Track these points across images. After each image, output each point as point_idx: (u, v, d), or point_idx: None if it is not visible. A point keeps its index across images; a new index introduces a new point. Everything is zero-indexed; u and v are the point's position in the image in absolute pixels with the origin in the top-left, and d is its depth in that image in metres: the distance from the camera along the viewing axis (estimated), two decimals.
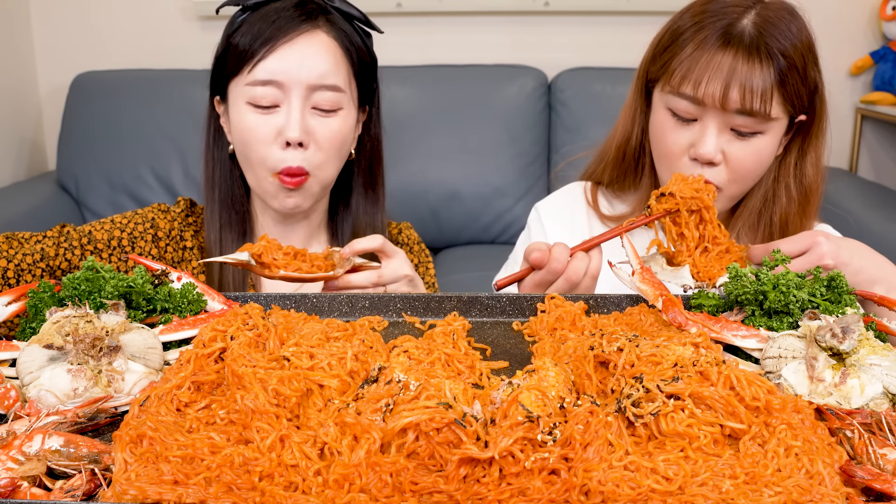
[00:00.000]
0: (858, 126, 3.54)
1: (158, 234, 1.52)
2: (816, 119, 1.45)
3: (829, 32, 3.41)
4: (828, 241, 1.22)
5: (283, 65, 1.40)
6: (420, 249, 1.73)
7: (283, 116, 1.41)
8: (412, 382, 0.85)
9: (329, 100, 1.43)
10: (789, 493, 0.72)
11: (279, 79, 1.40)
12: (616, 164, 1.59)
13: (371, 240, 1.33)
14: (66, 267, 1.41)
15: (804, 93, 1.40)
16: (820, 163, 1.50)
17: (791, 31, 1.37)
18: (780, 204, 1.48)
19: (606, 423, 0.78)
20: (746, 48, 1.34)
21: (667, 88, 1.41)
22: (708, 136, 1.38)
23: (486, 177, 3.18)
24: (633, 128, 1.55)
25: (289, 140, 1.40)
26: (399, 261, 1.36)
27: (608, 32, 3.41)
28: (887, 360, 0.91)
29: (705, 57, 1.36)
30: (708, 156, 1.38)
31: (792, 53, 1.36)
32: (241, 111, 1.43)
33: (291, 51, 1.40)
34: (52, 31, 3.44)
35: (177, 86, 3.19)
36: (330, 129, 1.44)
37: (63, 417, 0.85)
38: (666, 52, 1.43)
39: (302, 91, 1.41)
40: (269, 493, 0.74)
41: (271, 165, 1.43)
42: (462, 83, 3.28)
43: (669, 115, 1.43)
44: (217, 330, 0.94)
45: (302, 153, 1.42)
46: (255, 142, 1.42)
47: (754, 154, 1.40)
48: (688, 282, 1.23)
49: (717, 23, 1.38)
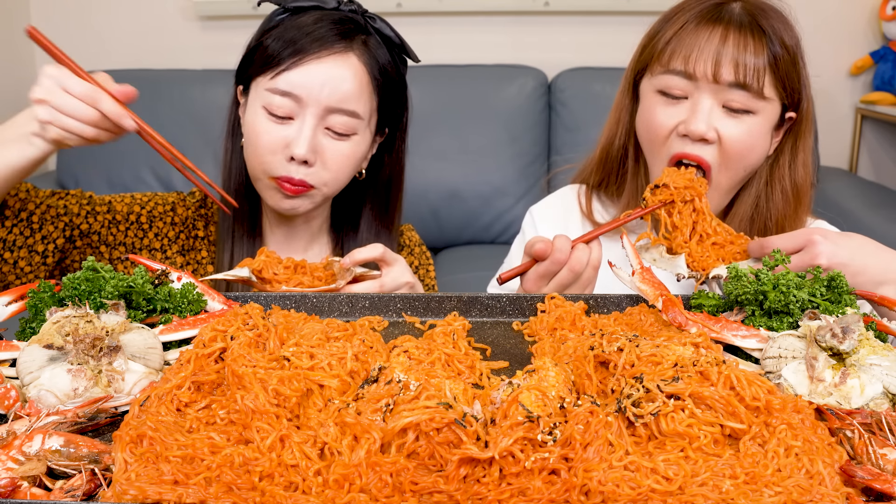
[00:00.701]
0: (858, 126, 3.54)
1: (175, 218, 1.53)
2: (805, 119, 1.44)
3: (829, 32, 3.44)
4: (825, 241, 1.19)
5: (306, 80, 1.37)
6: (421, 252, 1.73)
7: (295, 130, 1.39)
8: (412, 382, 0.85)
9: (344, 124, 1.41)
10: (789, 493, 0.72)
11: (299, 93, 1.37)
12: (600, 165, 1.58)
13: (371, 249, 1.33)
14: (85, 230, 1.42)
15: (796, 81, 1.39)
16: (809, 162, 1.49)
17: (781, 23, 1.37)
18: (775, 206, 1.46)
19: (606, 423, 0.78)
20: (738, 24, 1.34)
21: (657, 69, 1.40)
22: (700, 110, 1.36)
23: (486, 177, 3.18)
24: (617, 128, 1.54)
25: (295, 156, 1.38)
26: (400, 268, 1.36)
27: (608, 32, 3.41)
28: (887, 360, 0.91)
29: (694, 33, 1.35)
30: (700, 130, 1.36)
31: (783, 38, 1.35)
32: (255, 113, 1.42)
33: (318, 68, 1.37)
34: (52, 31, 3.42)
35: (177, 86, 3.19)
36: (340, 152, 1.43)
37: (63, 417, 0.85)
38: (656, 38, 1.42)
39: (319, 110, 1.38)
40: (269, 493, 0.74)
41: (271, 171, 1.42)
42: (462, 83, 3.28)
43: (659, 97, 1.41)
44: (217, 330, 0.94)
45: (306, 169, 1.41)
46: (261, 147, 1.41)
47: (746, 134, 1.37)
48: (682, 271, 1.24)
49: (704, 4, 1.38)
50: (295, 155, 1.38)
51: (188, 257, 1.53)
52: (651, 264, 1.23)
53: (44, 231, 1.36)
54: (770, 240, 1.24)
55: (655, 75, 1.41)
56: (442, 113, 3.22)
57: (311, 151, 1.39)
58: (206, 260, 1.54)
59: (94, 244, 1.45)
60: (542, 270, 1.27)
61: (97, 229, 1.43)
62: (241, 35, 1.54)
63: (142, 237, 1.49)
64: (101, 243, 1.45)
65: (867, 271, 1.19)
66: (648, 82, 1.44)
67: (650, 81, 1.44)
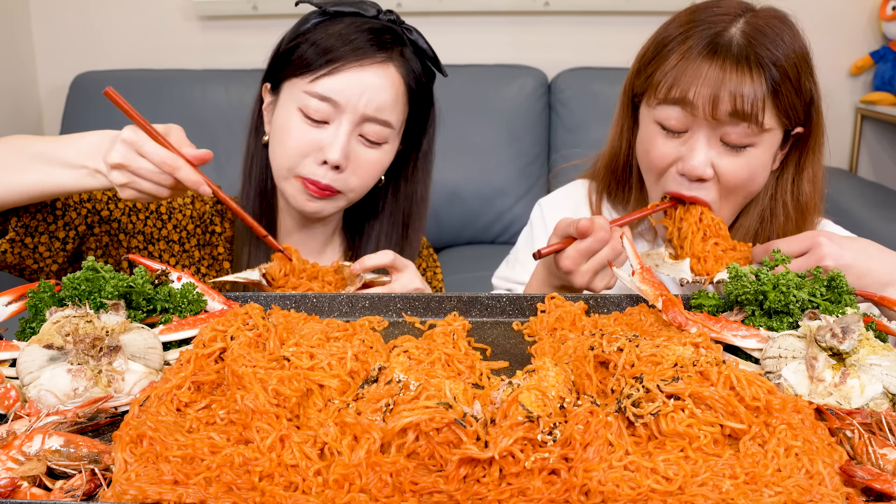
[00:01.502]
0: (858, 126, 3.54)
1: (194, 213, 1.53)
2: (813, 132, 1.38)
3: (829, 32, 3.43)
4: (830, 242, 1.18)
5: (346, 87, 1.38)
6: (429, 254, 1.74)
7: (330, 135, 1.39)
8: (412, 382, 0.85)
9: (378, 133, 1.42)
10: (789, 493, 0.72)
11: (338, 99, 1.38)
12: (607, 173, 1.56)
13: (382, 256, 1.33)
14: (106, 216, 1.41)
15: (799, 104, 1.32)
16: (818, 179, 1.43)
17: (783, 41, 1.30)
18: (777, 222, 1.42)
19: (606, 423, 0.78)
20: (735, 58, 1.27)
21: (653, 101, 1.35)
22: (697, 148, 1.31)
23: (486, 177, 3.18)
24: (620, 144, 1.51)
25: (328, 160, 1.39)
26: (409, 275, 1.36)
27: (608, 32, 3.41)
28: (887, 360, 0.91)
29: (692, 67, 1.29)
30: (697, 170, 1.31)
31: (784, 63, 1.28)
32: (289, 112, 1.42)
33: (359, 77, 1.38)
34: (51, 31, 3.44)
35: (177, 86, 3.19)
36: (370, 159, 1.44)
37: (63, 417, 0.85)
38: (650, 65, 1.36)
39: (355, 118, 1.39)
40: (269, 493, 0.74)
41: (299, 171, 1.42)
42: (462, 83, 3.27)
43: (658, 128, 1.36)
44: (217, 330, 0.94)
45: (335, 174, 1.41)
46: (293, 148, 1.41)
47: (746, 168, 1.32)
48: (686, 275, 1.23)
49: (703, 32, 1.31)
50: (329, 159, 1.39)
51: (204, 252, 1.53)
52: (654, 269, 1.23)
53: (66, 217, 1.35)
54: (774, 243, 1.23)
55: (653, 106, 1.36)
56: (442, 113, 3.21)
57: (345, 157, 1.40)
58: (222, 256, 1.54)
59: (114, 231, 1.44)
60: (584, 247, 1.25)
61: (118, 216, 1.43)
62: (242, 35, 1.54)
63: (160, 227, 1.49)
64: (120, 231, 1.45)
65: (872, 273, 1.18)
66: (647, 110, 1.39)
67: (648, 111, 1.39)
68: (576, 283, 1.27)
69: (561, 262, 1.27)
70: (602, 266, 1.26)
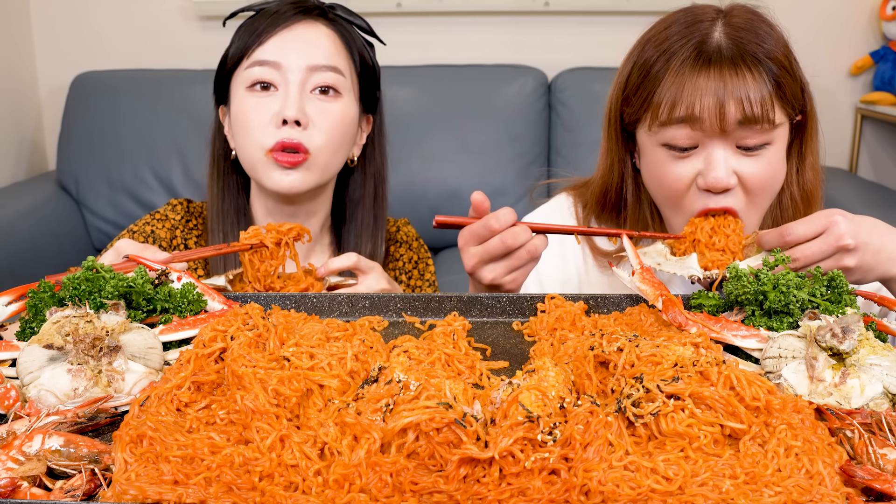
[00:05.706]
0: (858, 126, 3.54)
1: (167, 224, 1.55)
2: (809, 118, 1.37)
3: (829, 32, 3.44)
4: (845, 220, 1.14)
5: (281, 46, 1.42)
6: (419, 245, 1.73)
7: (281, 98, 1.42)
8: (412, 382, 0.85)
9: (329, 80, 1.44)
10: (789, 493, 0.72)
11: (277, 59, 1.42)
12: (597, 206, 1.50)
13: (345, 258, 1.34)
14: None
15: (798, 91, 1.31)
16: (818, 164, 1.42)
17: (766, 33, 1.28)
18: (786, 214, 1.40)
19: (606, 423, 0.78)
20: (730, 62, 1.25)
21: (655, 125, 1.30)
22: (716, 159, 1.27)
23: (486, 177, 3.17)
24: (611, 177, 1.45)
25: (286, 118, 1.40)
26: (375, 276, 1.36)
27: (608, 32, 3.41)
28: (887, 360, 0.91)
29: (689, 82, 1.25)
30: (721, 181, 1.27)
31: (777, 54, 1.27)
32: (240, 98, 1.45)
33: (290, 35, 1.43)
34: (51, 31, 3.44)
35: (177, 86, 3.19)
36: (330, 113, 1.45)
37: (63, 417, 0.85)
38: (641, 90, 1.32)
39: (301, 74, 1.42)
40: (269, 493, 0.74)
41: (266, 143, 1.43)
42: (462, 83, 3.28)
43: (665, 151, 1.31)
44: (217, 330, 0.94)
45: (300, 131, 1.42)
46: (251, 124, 1.43)
47: (767, 168, 1.29)
48: (695, 271, 1.20)
49: (686, 44, 1.28)
50: (286, 116, 1.41)
51: None
52: (655, 268, 1.20)
53: None
54: (788, 227, 1.18)
55: (656, 130, 1.31)
56: (442, 113, 3.22)
57: (300, 111, 1.42)
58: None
59: None
60: (475, 230, 1.23)
61: None
62: None
63: None
64: None
65: (885, 249, 1.17)
66: (648, 136, 1.34)
67: (650, 136, 1.33)
68: (464, 262, 1.25)
69: (458, 240, 1.27)
70: (490, 257, 1.21)
